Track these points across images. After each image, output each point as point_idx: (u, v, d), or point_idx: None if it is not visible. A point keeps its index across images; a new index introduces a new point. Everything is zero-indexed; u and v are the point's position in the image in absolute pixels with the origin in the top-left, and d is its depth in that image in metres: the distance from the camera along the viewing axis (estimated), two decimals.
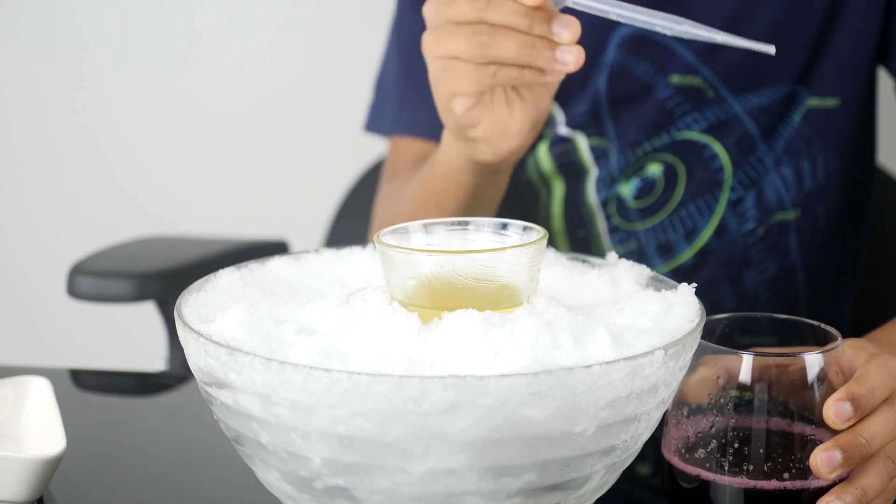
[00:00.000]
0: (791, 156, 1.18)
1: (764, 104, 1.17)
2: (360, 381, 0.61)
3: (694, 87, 1.16)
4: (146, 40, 2.10)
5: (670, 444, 0.77)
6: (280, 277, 0.81)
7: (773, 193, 1.18)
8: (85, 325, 2.15)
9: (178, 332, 0.70)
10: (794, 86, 1.17)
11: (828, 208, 1.20)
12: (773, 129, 1.18)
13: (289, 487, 0.69)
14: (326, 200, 1.75)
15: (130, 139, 2.14)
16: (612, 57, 1.17)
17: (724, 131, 1.17)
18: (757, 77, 1.16)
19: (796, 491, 0.74)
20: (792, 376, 0.75)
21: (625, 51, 1.16)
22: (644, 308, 0.73)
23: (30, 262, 2.20)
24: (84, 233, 2.09)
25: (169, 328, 1.36)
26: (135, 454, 0.92)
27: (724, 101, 1.17)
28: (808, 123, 1.17)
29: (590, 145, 1.19)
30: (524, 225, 0.76)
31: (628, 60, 1.17)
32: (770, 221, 1.19)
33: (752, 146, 1.18)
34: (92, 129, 2.15)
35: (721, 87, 1.16)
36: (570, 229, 1.22)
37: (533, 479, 0.65)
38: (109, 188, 2.16)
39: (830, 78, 1.16)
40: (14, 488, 0.79)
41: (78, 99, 2.14)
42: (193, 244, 1.45)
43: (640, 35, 1.16)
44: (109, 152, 2.15)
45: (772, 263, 1.20)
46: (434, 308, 0.70)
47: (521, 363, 0.63)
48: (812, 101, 1.17)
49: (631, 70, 1.17)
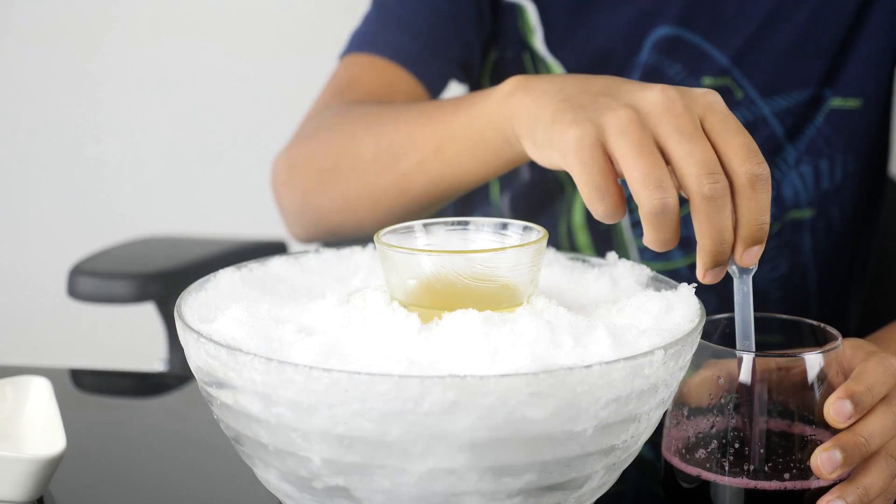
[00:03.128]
0: (811, 155, 1.18)
1: (790, 106, 1.17)
2: (360, 381, 0.61)
3: (725, 89, 1.16)
4: (146, 41, 2.10)
5: (670, 445, 0.77)
6: (280, 277, 0.81)
7: (791, 191, 1.18)
8: (85, 326, 2.15)
9: (178, 332, 0.70)
10: (820, 87, 1.16)
11: (843, 209, 1.20)
12: (798, 129, 1.17)
13: (289, 487, 0.69)
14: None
15: (130, 140, 2.14)
16: (645, 57, 1.17)
17: (752, 132, 1.17)
18: (786, 80, 1.16)
19: (797, 491, 0.74)
20: (792, 376, 0.75)
21: (658, 52, 1.16)
22: (644, 308, 0.73)
23: (30, 262, 2.20)
24: (84, 233, 2.09)
25: (169, 329, 1.36)
26: (135, 454, 0.92)
27: (754, 104, 1.16)
28: (829, 123, 1.17)
29: None
30: (524, 225, 0.76)
31: (662, 61, 1.16)
32: (785, 219, 1.19)
33: (779, 147, 1.18)
34: (92, 129, 2.14)
35: (751, 89, 1.16)
36: (592, 223, 1.21)
37: (533, 479, 0.65)
38: (109, 189, 2.16)
39: (854, 79, 1.16)
40: (14, 488, 0.79)
41: (78, 99, 2.14)
42: (193, 244, 1.45)
43: (675, 36, 1.16)
44: (109, 153, 2.15)
45: (784, 261, 1.20)
46: (434, 308, 0.70)
47: (521, 363, 0.63)
48: (835, 102, 1.17)
49: (664, 71, 1.17)
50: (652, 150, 0.70)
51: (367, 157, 1.02)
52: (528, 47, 1.19)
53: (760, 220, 0.70)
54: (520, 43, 1.20)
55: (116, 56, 2.10)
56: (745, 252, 0.71)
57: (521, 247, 0.71)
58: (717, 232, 0.70)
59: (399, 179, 0.99)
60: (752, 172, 0.70)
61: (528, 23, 1.19)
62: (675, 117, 0.71)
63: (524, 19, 1.19)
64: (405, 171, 0.98)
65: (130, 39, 2.10)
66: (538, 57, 1.19)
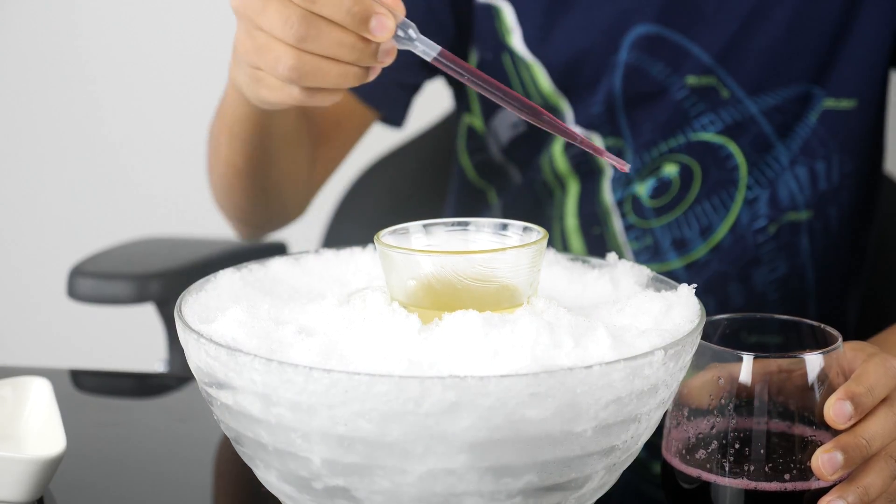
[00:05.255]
0: (806, 156, 1.18)
1: (778, 104, 1.17)
2: (360, 382, 0.61)
3: (710, 88, 1.16)
4: (147, 41, 2.10)
5: (671, 446, 0.77)
6: (280, 278, 0.81)
7: (787, 193, 1.18)
8: (85, 327, 2.15)
9: (178, 333, 0.70)
10: (809, 85, 1.16)
11: (841, 210, 1.20)
12: (788, 127, 1.17)
13: (289, 488, 0.69)
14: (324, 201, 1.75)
15: (130, 140, 2.14)
16: (625, 56, 1.17)
17: (740, 131, 1.17)
18: (772, 77, 1.16)
19: (797, 492, 0.74)
20: (793, 377, 0.75)
21: (639, 50, 1.16)
22: (644, 308, 0.73)
23: (30, 263, 2.20)
24: (84, 234, 2.09)
25: (168, 330, 1.36)
26: (135, 455, 0.92)
27: (740, 102, 1.16)
28: (824, 124, 1.17)
29: (605, 145, 1.19)
30: (524, 225, 0.76)
31: (643, 60, 1.16)
32: (782, 221, 1.19)
33: (769, 145, 1.17)
34: (92, 130, 2.15)
35: (737, 88, 1.16)
36: (585, 227, 1.21)
37: (533, 480, 0.65)
38: (109, 189, 2.16)
39: (847, 79, 1.16)
40: (14, 488, 0.79)
41: (78, 100, 2.14)
42: (193, 245, 1.45)
43: (655, 35, 1.15)
44: (109, 153, 2.15)
45: (782, 263, 1.20)
46: (434, 308, 0.70)
47: (522, 364, 0.63)
48: (828, 103, 1.16)
49: (646, 70, 1.17)
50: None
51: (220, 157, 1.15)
52: (506, 48, 1.19)
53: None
54: (498, 44, 1.20)
55: (117, 57, 2.10)
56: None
57: (521, 247, 0.71)
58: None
59: (234, 152, 1.12)
60: None
61: (504, 23, 1.19)
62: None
63: (500, 20, 1.19)
64: (228, 149, 1.12)
65: (130, 39, 2.10)
66: (518, 57, 1.19)
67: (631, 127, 1.18)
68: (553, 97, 1.19)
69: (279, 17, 0.75)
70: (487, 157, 1.27)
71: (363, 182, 1.51)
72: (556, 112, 1.19)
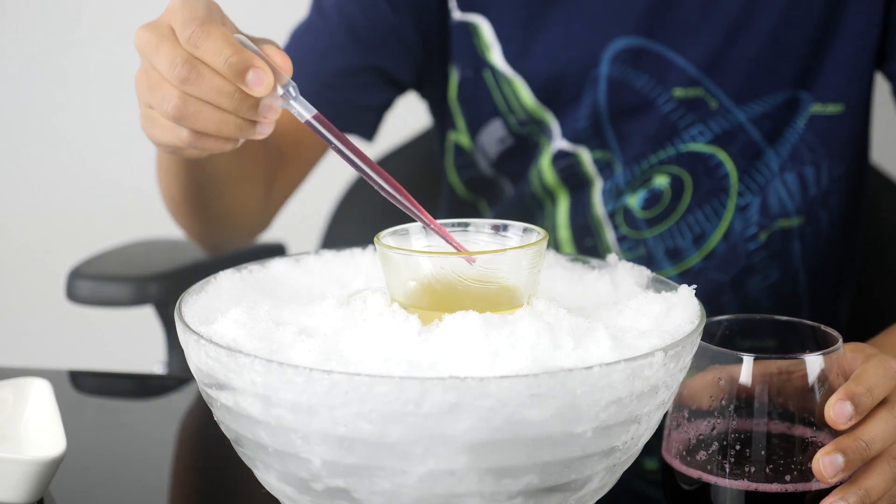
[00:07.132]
0: (795, 162, 1.18)
1: (767, 111, 1.17)
2: (360, 383, 0.61)
3: (697, 99, 1.16)
4: None
5: (671, 447, 0.77)
6: (280, 279, 0.81)
7: (776, 200, 1.18)
8: (84, 328, 2.15)
9: (178, 334, 0.70)
10: (795, 90, 1.16)
11: (831, 213, 1.20)
12: (778, 133, 1.17)
13: (289, 489, 0.69)
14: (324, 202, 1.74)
15: (130, 141, 2.14)
16: (606, 70, 1.16)
17: (729, 140, 1.17)
18: (759, 85, 1.16)
19: (798, 493, 0.74)
20: (793, 378, 0.75)
21: (621, 63, 1.16)
22: (644, 309, 0.73)
23: (29, 265, 2.19)
24: (83, 236, 2.09)
25: (168, 331, 1.36)
26: (134, 456, 0.92)
27: (729, 112, 1.16)
28: (811, 130, 1.17)
29: (593, 158, 1.18)
30: (524, 226, 0.76)
31: (627, 73, 1.16)
32: (773, 228, 1.19)
33: (759, 152, 1.17)
34: (91, 131, 2.14)
35: (724, 98, 1.16)
36: (578, 239, 1.21)
37: (533, 481, 0.65)
38: (109, 191, 2.16)
39: (834, 84, 1.16)
40: (14, 490, 0.79)
41: (78, 101, 2.13)
42: (192, 247, 1.44)
43: (638, 48, 1.15)
44: (109, 154, 2.15)
45: (775, 270, 1.20)
46: (434, 309, 0.70)
47: (522, 365, 0.63)
48: (815, 108, 1.16)
49: (630, 83, 1.16)
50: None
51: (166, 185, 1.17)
52: (487, 64, 1.19)
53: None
54: (478, 61, 1.19)
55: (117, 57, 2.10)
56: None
57: (522, 248, 0.71)
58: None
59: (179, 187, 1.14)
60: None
61: (483, 40, 1.19)
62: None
63: (479, 36, 1.19)
64: (164, 182, 1.15)
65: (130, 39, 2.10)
66: (499, 73, 1.19)
67: (619, 140, 1.18)
68: (538, 112, 1.19)
69: (167, 58, 0.77)
70: (477, 172, 1.27)
71: (363, 182, 1.51)
72: (543, 126, 1.19)
